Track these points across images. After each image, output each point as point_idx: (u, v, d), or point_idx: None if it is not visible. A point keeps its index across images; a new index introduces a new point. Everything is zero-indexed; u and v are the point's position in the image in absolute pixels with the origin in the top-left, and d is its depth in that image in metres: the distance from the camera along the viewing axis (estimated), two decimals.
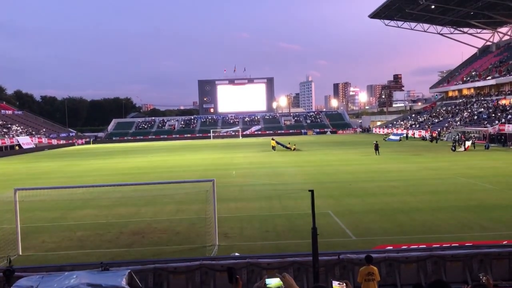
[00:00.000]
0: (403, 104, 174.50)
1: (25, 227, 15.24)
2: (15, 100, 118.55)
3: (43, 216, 18.61)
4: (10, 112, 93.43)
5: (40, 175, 34.85)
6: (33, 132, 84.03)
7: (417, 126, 78.01)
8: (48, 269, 9.35)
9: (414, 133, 72.77)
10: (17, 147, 70.55)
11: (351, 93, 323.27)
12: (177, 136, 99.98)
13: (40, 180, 31.15)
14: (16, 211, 13.41)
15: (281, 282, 6.11)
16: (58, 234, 15.59)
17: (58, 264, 10.13)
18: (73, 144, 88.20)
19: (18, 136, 75.87)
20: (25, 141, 74.35)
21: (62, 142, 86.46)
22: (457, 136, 53.13)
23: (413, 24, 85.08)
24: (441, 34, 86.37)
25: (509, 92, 66.86)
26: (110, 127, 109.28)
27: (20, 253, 13.31)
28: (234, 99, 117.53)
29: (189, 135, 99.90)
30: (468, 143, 44.46)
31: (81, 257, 12.81)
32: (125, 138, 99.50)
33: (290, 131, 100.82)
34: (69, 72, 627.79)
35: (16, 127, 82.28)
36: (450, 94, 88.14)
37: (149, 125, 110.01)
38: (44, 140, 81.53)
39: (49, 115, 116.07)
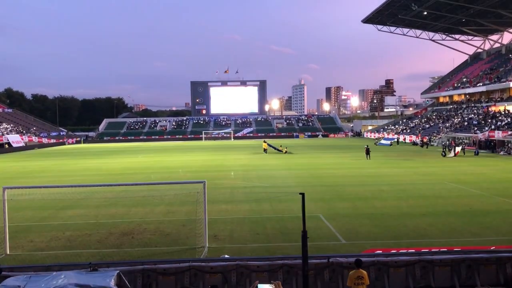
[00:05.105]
0: (394, 109, 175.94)
1: (13, 226, 15.10)
2: (5, 98, 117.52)
3: (31, 215, 18.45)
4: (0, 110, 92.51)
5: (30, 174, 34.54)
6: (23, 131, 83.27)
7: (408, 131, 78.60)
8: (36, 269, 9.25)
9: (405, 138, 73.35)
10: (6, 145, 69.83)
11: (343, 97, 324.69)
12: (169, 137, 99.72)
13: (29, 179, 30.89)
14: (5, 210, 13.29)
15: None
16: (46, 234, 15.44)
17: (46, 264, 10.01)
18: (63, 143, 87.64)
19: (7, 134, 75.10)
20: (15, 139, 73.61)
21: (52, 141, 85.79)
22: (447, 142, 53.65)
23: (405, 30, 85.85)
24: (433, 40, 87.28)
25: (499, 99, 67.69)
26: (101, 126, 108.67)
27: (8, 252, 13.18)
28: (226, 101, 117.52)
29: (180, 136, 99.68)
30: (458, 149, 44.88)
31: (70, 257, 12.70)
32: (116, 138, 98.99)
33: (282, 134, 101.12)
34: (60, 70, 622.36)
35: (6, 125, 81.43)
36: (441, 100, 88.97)
37: (141, 126, 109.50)
38: (34, 139, 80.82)
39: (40, 114, 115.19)
